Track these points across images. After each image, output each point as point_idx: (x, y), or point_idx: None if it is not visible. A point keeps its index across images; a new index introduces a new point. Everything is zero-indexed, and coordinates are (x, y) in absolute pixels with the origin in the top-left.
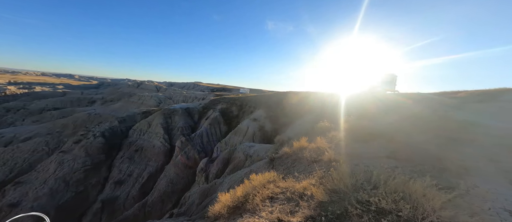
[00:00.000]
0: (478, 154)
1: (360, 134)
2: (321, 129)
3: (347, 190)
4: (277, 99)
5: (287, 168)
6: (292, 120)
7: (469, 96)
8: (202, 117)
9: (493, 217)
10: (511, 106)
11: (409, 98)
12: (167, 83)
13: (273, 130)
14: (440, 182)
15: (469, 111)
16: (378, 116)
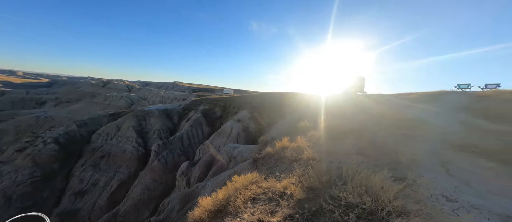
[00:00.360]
0: (424, 147)
1: (335, 132)
2: (302, 129)
3: (322, 187)
4: (261, 100)
5: (270, 168)
6: (275, 120)
7: (419, 97)
8: (183, 118)
9: (433, 203)
10: (448, 105)
11: (374, 99)
12: (141, 82)
13: (257, 130)
14: (394, 174)
15: (418, 110)
16: (350, 115)
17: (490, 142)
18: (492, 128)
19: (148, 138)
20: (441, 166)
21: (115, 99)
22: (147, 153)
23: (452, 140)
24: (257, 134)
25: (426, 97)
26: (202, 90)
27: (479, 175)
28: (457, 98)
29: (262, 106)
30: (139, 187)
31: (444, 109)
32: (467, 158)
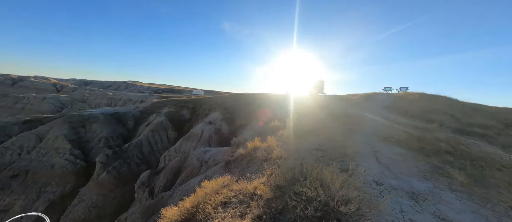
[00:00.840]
0: (362, 140)
1: (300, 131)
2: (273, 129)
3: (287, 184)
4: (234, 101)
5: (242, 170)
6: (248, 121)
7: (359, 97)
8: (141, 122)
9: (367, 188)
10: (378, 104)
11: (330, 99)
12: (79, 81)
13: (230, 132)
14: (342, 166)
15: (359, 108)
16: (313, 114)
17: (400, 132)
18: (402, 121)
19: (91, 148)
20: (373, 155)
21: (34, 102)
22: (89, 166)
23: (380, 132)
24: (230, 136)
25: (364, 97)
26: (167, 91)
27: (395, 160)
28: (384, 98)
29: (235, 107)
30: (82, 205)
31: (375, 107)
32: (388, 147)
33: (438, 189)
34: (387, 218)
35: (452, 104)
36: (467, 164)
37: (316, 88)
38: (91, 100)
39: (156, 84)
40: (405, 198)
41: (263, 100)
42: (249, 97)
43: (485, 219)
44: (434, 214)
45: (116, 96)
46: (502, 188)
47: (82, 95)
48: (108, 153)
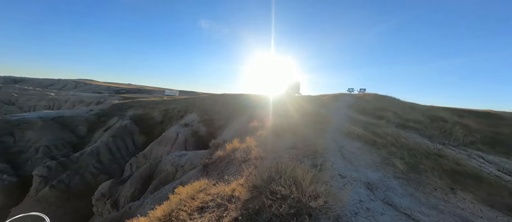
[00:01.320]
0: (330, 137)
1: (278, 130)
2: (252, 129)
3: (264, 184)
4: (212, 101)
5: (221, 172)
6: (228, 122)
7: (329, 98)
8: (97, 127)
9: (334, 182)
10: (344, 104)
11: (305, 99)
12: (5, 78)
13: (209, 134)
14: (313, 162)
15: (328, 108)
16: (289, 114)
17: (359, 129)
18: (360, 118)
19: (24, 159)
20: (338, 150)
21: None
22: (23, 181)
23: (344, 129)
24: (208, 138)
25: (333, 98)
26: (133, 91)
27: (355, 154)
28: (347, 99)
29: (214, 108)
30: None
31: (341, 106)
32: (350, 142)
33: (386, 177)
34: (349, 208)
35: (395, 103)
36: (405, 154)
37: (293, 89)
38: (22, 102)
39: (118, 83)
40: (363, 188)
41: (242, 101)
42: (229, 98)
43: (418, 200)
44: (384, 200)
45: (61, 97)
46: (429, 172)
47: (9, 96)
48: (50, 165)
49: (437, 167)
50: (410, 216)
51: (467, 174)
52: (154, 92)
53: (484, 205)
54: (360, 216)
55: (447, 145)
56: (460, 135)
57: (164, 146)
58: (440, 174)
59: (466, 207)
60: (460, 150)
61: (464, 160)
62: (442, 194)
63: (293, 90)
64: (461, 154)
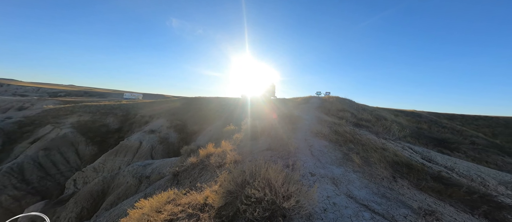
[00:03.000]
0: (301, 137)
1: (254, 133)
2: (228, 132)
3: (238, 188)
4: (185, 105)
5: (194, 179)
6: (203, 126)
7: (301, 100)
8: (18, 139)
9: (305, 180)
10: (313, 106)
11: (280, 102)
12: None
13: (181, 140)
14: (286, 162)
15: (300, 109)
16: (265, 116)
17: (325, 128)
18: (326, 119)
19: None
20: (309, 149)
21: None
22: None
23: (313, 129)
24: (180, 144)
25: (304, 100)
26: (77, 94)
27: (323, 151)
28: (316, 101)
29: (187, 112)
30: None
31: (310, 108)
32: (318, 141)
33: (347, 172)
34: (319, 205)
35: (352, 104)
36: (360, 149)
37: (269, 92)
38: None
39: (53, 84)
40: (329, 184)
41: (218, 105)
42: (204, 102)
43: (371, 191)
44: (346, 194)
45: None
46: (377, 164)
47: None
48: None
49: (382, 159)
50: (367, 207)
51: (402, 163)
52: (109, 95)
53: (416, 189)
54: (329, 212)
55: (388, 139)
56: (396, 131)
57: (123, 156)
58: (385, 165)
59: (404, 193)
60: (396, 143)
61: (400, 151)
62: (387, 183)
63: (269, 93)
64: (397, 146)
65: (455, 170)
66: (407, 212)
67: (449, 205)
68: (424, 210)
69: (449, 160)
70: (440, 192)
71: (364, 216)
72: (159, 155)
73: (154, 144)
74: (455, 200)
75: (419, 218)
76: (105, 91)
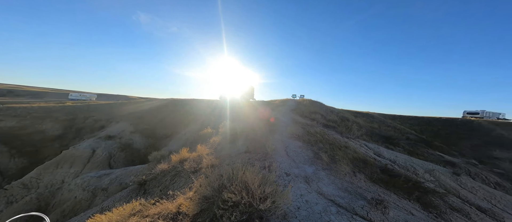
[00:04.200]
0: (278, 138)
1: (232, 135)
2: (205, 136)
3: (215, 193)
4: (155, 107)
5: (165, 187)
6: (176, 130)
7: (278, 102)
8: None
9: (280, 180)
10: (289, 108)
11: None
12: None
13: (149, 146)
14: (263, 164)
15: (277, 111)
16: (243, 119)
17: (299, 129)
18: (300, 120)
19: None
20: (284, 150)
21: None
22: None
23: (288, 130)
24: (149, 151)
25: (281, 102)
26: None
27: (297, 152)
28: (291, 103)
29: (157, 115)
30: None
31: (286, 110)
32: (293, 142)
33: (318, 170)
34: (293, 204)
35: (322, 107)
36: (328, 148)
37: (248, 95)
38: None
39: None
40: (302, 183)
41: (194, 107)
42: (178, 104)
43: (337, 186)
44: (317, 191)
45: None
46: (341, 161)
47: None
48: None
49: (345, 156)
50: (334, 201)
51: (360, 159)
52: (45, 95)
53: (370, 182)
54: (302, 209)
55: (350, 138)
56: (355, 130)
57: (68, 168)
58: (347, 161)
59: (361, 186)
60: (355, 141)
61: (358, 148)
62: (349, 178)
63: (248, 95)
64: (356, 144)
65: (397, 162)
66: (363, 203)
67: (393, 194)
68: (375, 200)
69: (392, 154)
70: (387, 183)
71: (331, 211)
72: (120, 163)
73: (113, 151)
74: (397, 188)
75: (372, 207)
76: (40, 90)
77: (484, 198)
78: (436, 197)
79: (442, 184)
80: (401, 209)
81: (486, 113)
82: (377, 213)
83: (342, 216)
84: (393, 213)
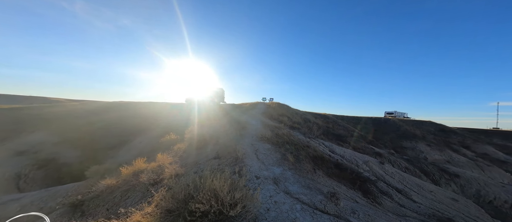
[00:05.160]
0: (248, 142)
1: (200, 141)
2: (167, 143)
3: (181, 205)
4: (92, 112)
5: (115, 205)
6: (128, 138)
7: (248, 106)
8: None
9: (251, 184)
10: (259, 111)
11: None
12: None
13: (86, 159)
14: (234, 169)
15: (247, 115)
16: (213, 123)
17: (268, 132)
18: (269, 123)
19: None
20: (255, 153)
21: None
22: None
23: (258, 133)
24: (84, 165)
25: (251, 105)
26: None
27: (266, 154)
28: (262, 106)
29: (96, 122)
30: None
31: (257, 113)
32: (263, 145)
33: (285, 170)
34: (263, 206)
35: (288, 109)
36: (293, 149)
37: (218, 98)
38: None
39: None
40: (271, 184)
41: (153, 111)
42: (130, 107)
43: (301, 184)
44: (285, 191)
45: None
46: (304, 160)
47: None
48: None
49: (307, 155)
50: (299, 199)
51: (319, 157)
52: None
53: (327, 177)
54: (271, 211)
55: (311, 138)
56: (315, 130)
57: None
58: (309, 160)
59: (320, 181)
60: (315, 140)
61: (317, 147)
62: (310, 175)
63: (218, 98)
64: (316, 143)
65: (345, 157)
66: (321, 198)
67: (343, 185)
68: (330, 193)
69: (342, 150)
70: (338, 176)
71: (297, 208)
72: (36, 185)
73: (23, 170)
74: (346, 180)
75: (328, 200)
76: None
77: (399, 181)
78: (371, 184)
79: (373, 172)
80: (348, 199)
81: (397, 112)
82: (331, 205)
83: (306, 212)
84: (343, 203)
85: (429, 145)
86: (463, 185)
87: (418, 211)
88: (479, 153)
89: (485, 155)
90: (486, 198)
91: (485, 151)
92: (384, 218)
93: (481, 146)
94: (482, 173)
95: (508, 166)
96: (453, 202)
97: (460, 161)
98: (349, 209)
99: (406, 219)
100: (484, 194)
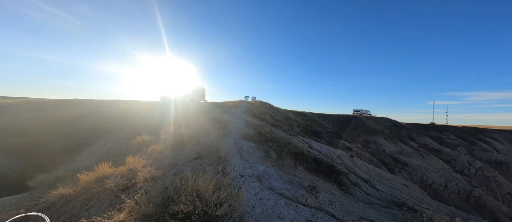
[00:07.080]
0: (231, 141)
1: (179, 141)
2: (139, 145)
3: (159, 209)
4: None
5: (74, 216)
6: (87, 141)
7: (231, 104)
8: None
9: (235, 182)
10: (242, 110)
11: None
12: None
13: (28, 168)
14: (217, 168)
15: (230, 113)
16: (193, 122)
17: (251, 130)
18: (252, 121)
19: None
20: (238, 151)
21: None
22: None
23: (241, 132)
24: (25, 174)
25: (234, 104)
26: None
27: (250, 152)
28: (244, 105)
29: (43, 123)
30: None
31: (240, 112)
32: (246, 143)
33: (268, 167)
34: (248, 203)
35: (271, 108)
36: (276, 146)
37: (198, 96)
38: None
39: None
40: (256, 181)
41: (120, 110)
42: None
43: (284, 180)
44: (269, 187)
45: None
46: (286, 156)
47: None
48: None
49: (289, 151)
50: (282, 195)
51: (299, 153)
52: None
53: (307, 172)
54: (257, 208)
55: (292, 135)
56: (295, 128)
57: None
58: (290, 156)
59: (301, 176)
60: (296, 137)
61: (298, 143)
62: (292, 170)
63: (198, 97)
64: (296, 140)
65: (322, 152)
66: (303, 192)
67: (321, 179)
68: (310, 187)
69: (319, 145)
70: (317, 170)
71: (281, 203)
72: None
73: None
74: (323, 174)
75: (309, 194)
76: None
77: (365, 172)
78: (344, 177)
79: (345, 165)
80: (326, 191)
81: (363, 110)
82: (312, 198)
83: (289, 207)
84: (322, 196)
85: (386, 139)
86: (410, 172)
87: (380, 198)
88: (421, 144)
89: (425, 145)
90: (427, 182)
91: (425, 142)
92: (356, 207)
93: (422, 138)
94: (423, 161)
95: (442, 154)
96: (405, 187)
97: (408, 151)
98: (327, 201)
99: (372, 206)
100: (425, 179)
